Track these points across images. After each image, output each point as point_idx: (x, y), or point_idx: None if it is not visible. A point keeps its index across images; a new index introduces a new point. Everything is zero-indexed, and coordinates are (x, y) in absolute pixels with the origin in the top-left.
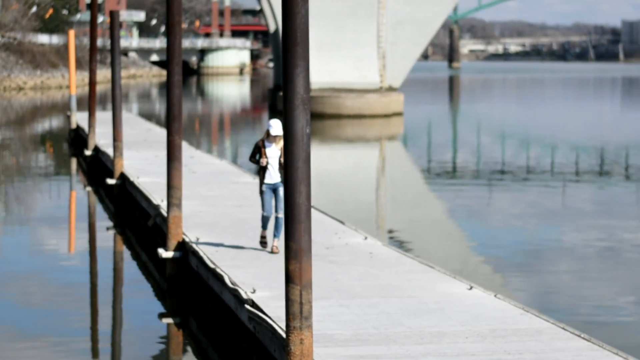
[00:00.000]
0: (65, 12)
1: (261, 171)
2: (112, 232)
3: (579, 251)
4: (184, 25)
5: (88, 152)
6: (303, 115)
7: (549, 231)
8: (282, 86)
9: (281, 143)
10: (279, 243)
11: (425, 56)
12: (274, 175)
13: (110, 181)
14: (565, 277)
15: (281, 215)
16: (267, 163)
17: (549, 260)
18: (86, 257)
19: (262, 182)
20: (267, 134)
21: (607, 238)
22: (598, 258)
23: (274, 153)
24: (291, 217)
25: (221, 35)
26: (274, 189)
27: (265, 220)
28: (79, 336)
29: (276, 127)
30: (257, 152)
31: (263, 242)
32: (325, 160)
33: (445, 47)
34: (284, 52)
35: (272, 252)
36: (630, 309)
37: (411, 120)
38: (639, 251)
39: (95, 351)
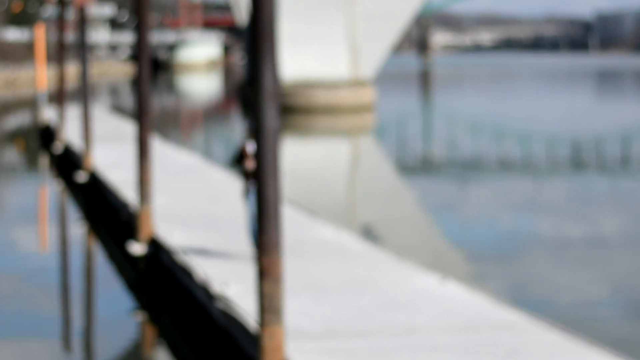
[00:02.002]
0: (35, 7)
1: (246, 175)
2: (83, 228)
3: (553, 243)
4: (155, 20)
5: (58, 148)
6: (272, 109)
7: (522, 224)
8: (252, 80)
9: None
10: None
11: (398, 50)
12: None
13: (81, 177)
14: (540, 270)
15: None
16: (252, 166)
17: (523, 253)
18: (57, 252)
19: (247, 188)
20: (251, 134)
21: (582, 230)
22: (572, 250)
23: None
24: (262, 211)
25: (191, 29)
26: None
27: (254, 228)
28: (50, 332)
29: None
30: (241, 156)
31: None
32: (297, 154)
33: (418, 40)
34: (252, 46)
35: None
36: (605, 301)
37: (383, 113)
38: (613, 243)
39: (67, 346)
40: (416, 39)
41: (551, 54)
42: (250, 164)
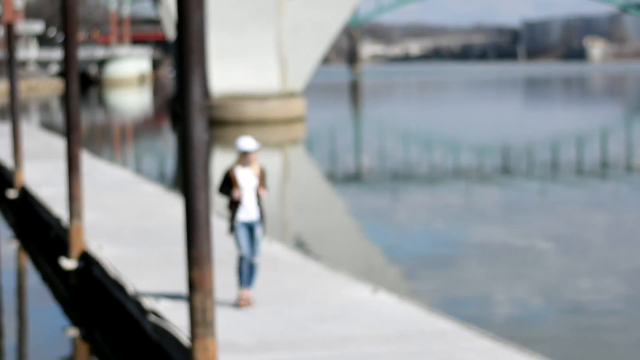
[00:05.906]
0: None
1: (233, 205)
2: (13, 245)
3: (484, 252)
4: (83, 35)
5: None
6: (200, 122)
7: (453, 233)
8: (179, 93)
9: (258, 167)
10: (252, 293)
11: (326, 61)
12: (250, 210)
13: (11, 194)
14: (471, 278)
15: (258, 260)
16: (241, 195)
17: (454, 262)
18: None
19: (233, 219)
20: (239, 157)
21: (512, 237)
22: (503, 258)
23: (249, 181)
24: (191, 224)
25: (120, 44)
26: (250, 227)
27: (242, 266)
28: None
29: (247, 141)
30: (228, 182)
31: (242, 303)
32: (228, 166)
33: (347, 51)
34: (180, 59)
35: (241, 304)
36: (536, 307)
37: (313, 125)
38: (544, 250)
39: None
40: (346, 50)
41: (480, 62)
42: (237, 193)
